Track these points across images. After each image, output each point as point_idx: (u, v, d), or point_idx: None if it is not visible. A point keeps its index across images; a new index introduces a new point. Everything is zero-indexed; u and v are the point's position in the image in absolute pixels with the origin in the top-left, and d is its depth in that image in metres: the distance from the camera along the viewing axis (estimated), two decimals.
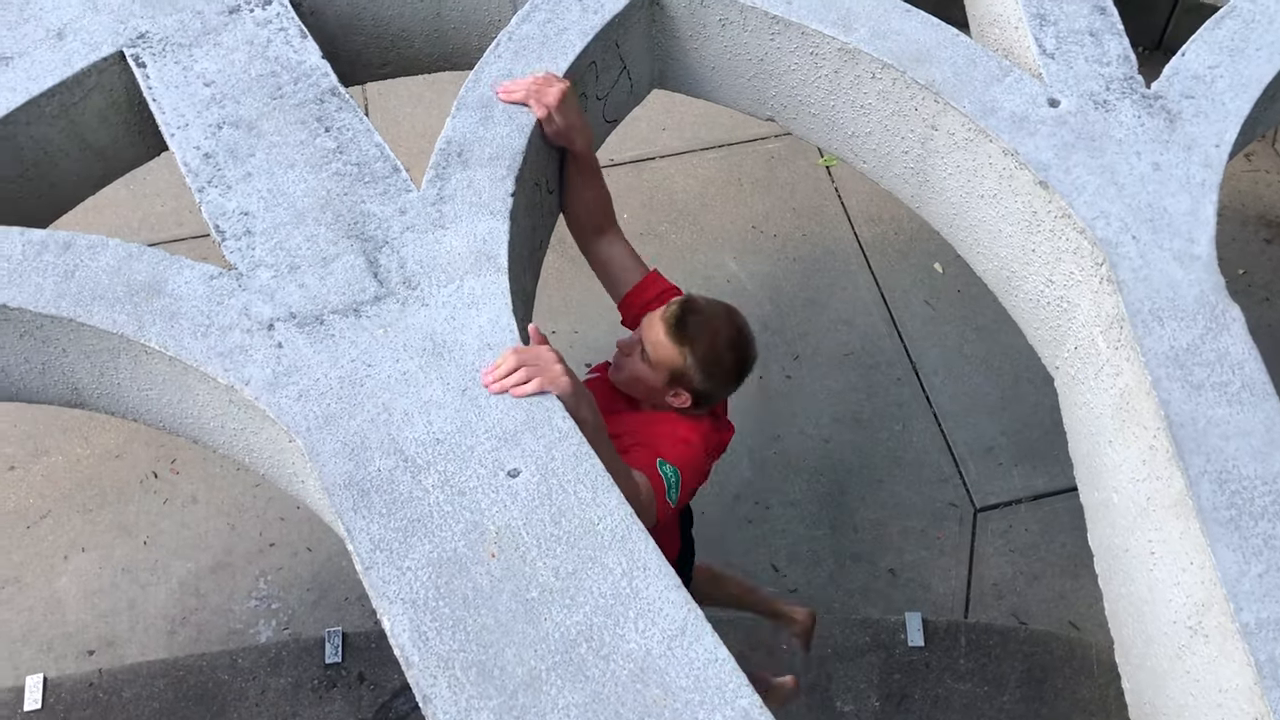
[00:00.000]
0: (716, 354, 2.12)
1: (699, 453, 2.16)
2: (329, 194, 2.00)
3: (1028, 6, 2.25)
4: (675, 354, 2.11)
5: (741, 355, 2.18)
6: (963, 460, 3.64)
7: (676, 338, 2.10)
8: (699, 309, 2.14)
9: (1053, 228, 2.05)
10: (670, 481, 2.05)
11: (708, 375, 2.13)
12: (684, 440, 2.15)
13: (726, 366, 2.15)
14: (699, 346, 2.10)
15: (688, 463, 2.11)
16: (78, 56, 2.20)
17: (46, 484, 3.60)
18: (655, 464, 2.04)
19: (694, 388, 2.14)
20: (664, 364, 2.12)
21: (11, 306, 1.86)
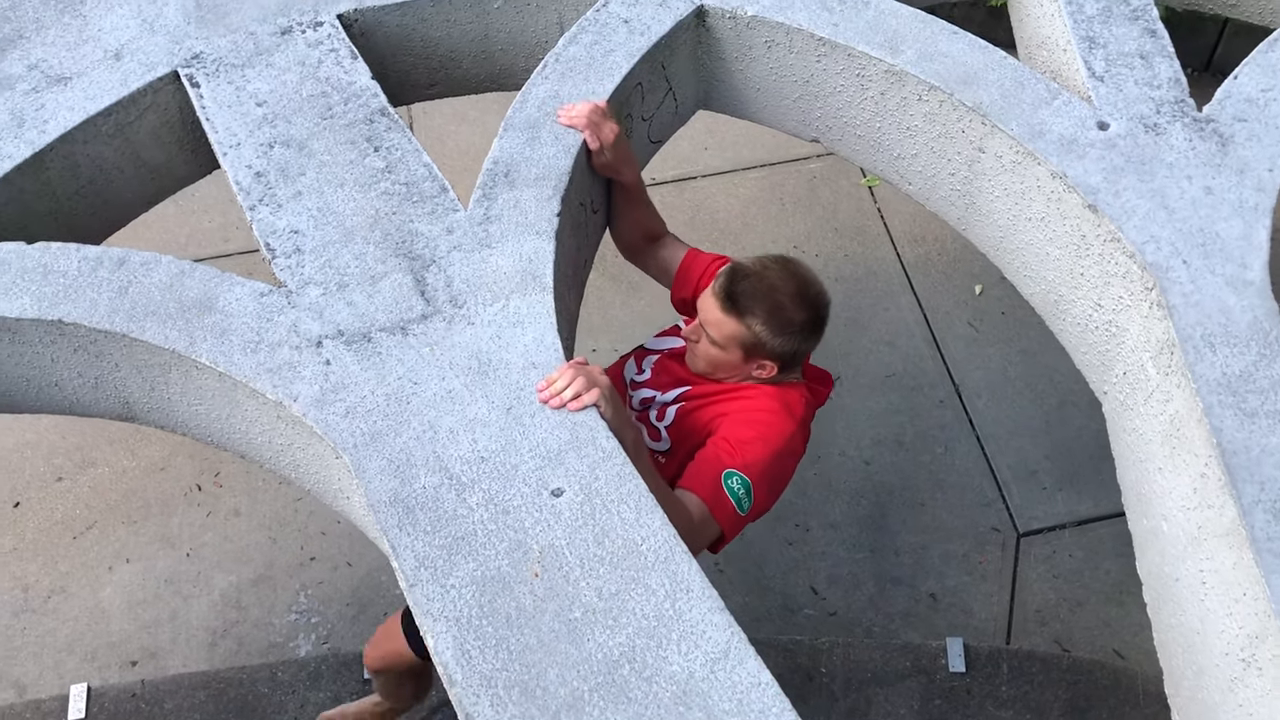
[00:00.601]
0: (784, 315, 2.01)
1: (784, 426, 2.03)
2: (378, 213, 2.02)
3: (1077, 29, 2.23)
4: (738, 328, 2.01)
5: (812, 306, 2.05)
6: (1006, 484, 3.60)
7: (734, 311, 2.01)
8: (747, 273, 2.03)
9: (1102, 251, 2.03)
10: (738, 495, 1.96)
11: (782, 338, 2.01)
12: (763, 418, 2.01)
13: (799, 323, 2.03)
14: (760, 311, 2.00)
15: (766, 453, 1.98)
16: (134, 77, 2.24)
17: (93, 495, 3.65)
18: (719, 481, 1.96)
19: (774, 354, 2.03)
20: (732, 341, 2.02)
21: (67, 322, 1.89)
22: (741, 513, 1.97)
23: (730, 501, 1.96)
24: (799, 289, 2.03)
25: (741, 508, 1.97)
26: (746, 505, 1.98)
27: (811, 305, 2.04)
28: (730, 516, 1.97)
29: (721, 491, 1.96)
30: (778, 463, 2.03)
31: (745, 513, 1.98)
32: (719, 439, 2.02)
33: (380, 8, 2.35)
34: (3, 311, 1.90)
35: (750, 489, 1.98)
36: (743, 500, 1.97)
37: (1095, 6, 2.26)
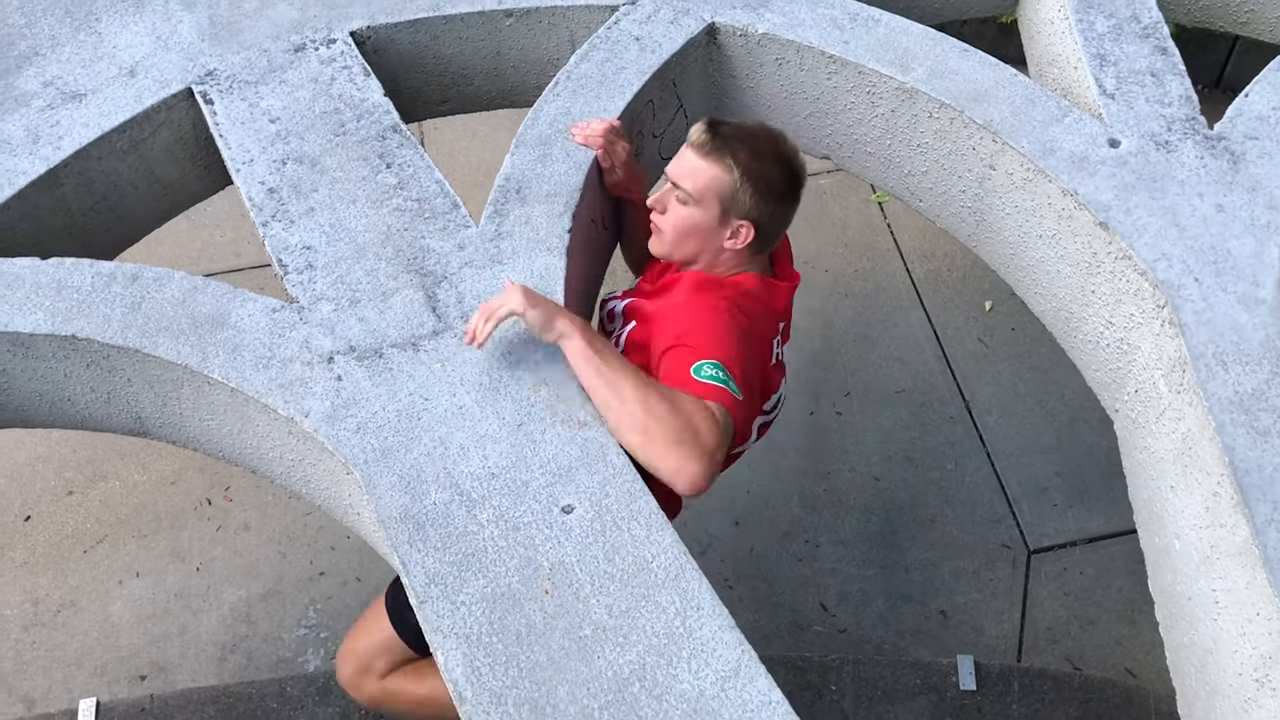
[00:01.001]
0: (763, 164, 1.88)
1: (739, 314, 1.86)
2: (389, 229, 2.03)
3: (1087, 47, 2.23)
4: (719, 171, 1.87)
5: (791, 164, 1.92)
6: (1016, 501, 3.59)
7: (715, 152, 1.87)
8: (728, 120, 1.92)
9: (1113, 269, 2.03)
10: (719, 378, 1.77)
11: (761, 193, 1.88)
12: (709, 309, 1.85)
13: (777, 180, 1.90)
14: (742, 155, 1.87)
15: (730, 338, 1.82)
16: (148, 93, 2.26)
17: (104, 509, 3.66)
18: (689, 373, 1.77)
19: (751, 214, 1.89)
20: (710, 192, 1.88)
21: (80, 337, 1.90)
22: (734, 394, 1.78)
23: (721, 388, 1.77)
24: (779, 145, 1.92)
25: (730, 386, 1.78)
26: (734, 386, 1.79)
27: (790, 165, 1.93)
28: (730, 399, 1.77)
29: (709, 386, 1.77)
30: (748, 340, 1.86)
31: (738, 395, 1.79)
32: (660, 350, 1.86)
33: (393, 25, 2.36)
34: (17, 326, 1.91)
35: (725, 371, 1.79)
36: (728, 381, 1.78)
37: (1106, 24, 2.26)
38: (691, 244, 1.95)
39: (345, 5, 2.40)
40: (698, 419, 1.71)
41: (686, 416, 1.71)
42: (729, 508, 3.54)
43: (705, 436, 1.70)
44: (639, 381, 1.75)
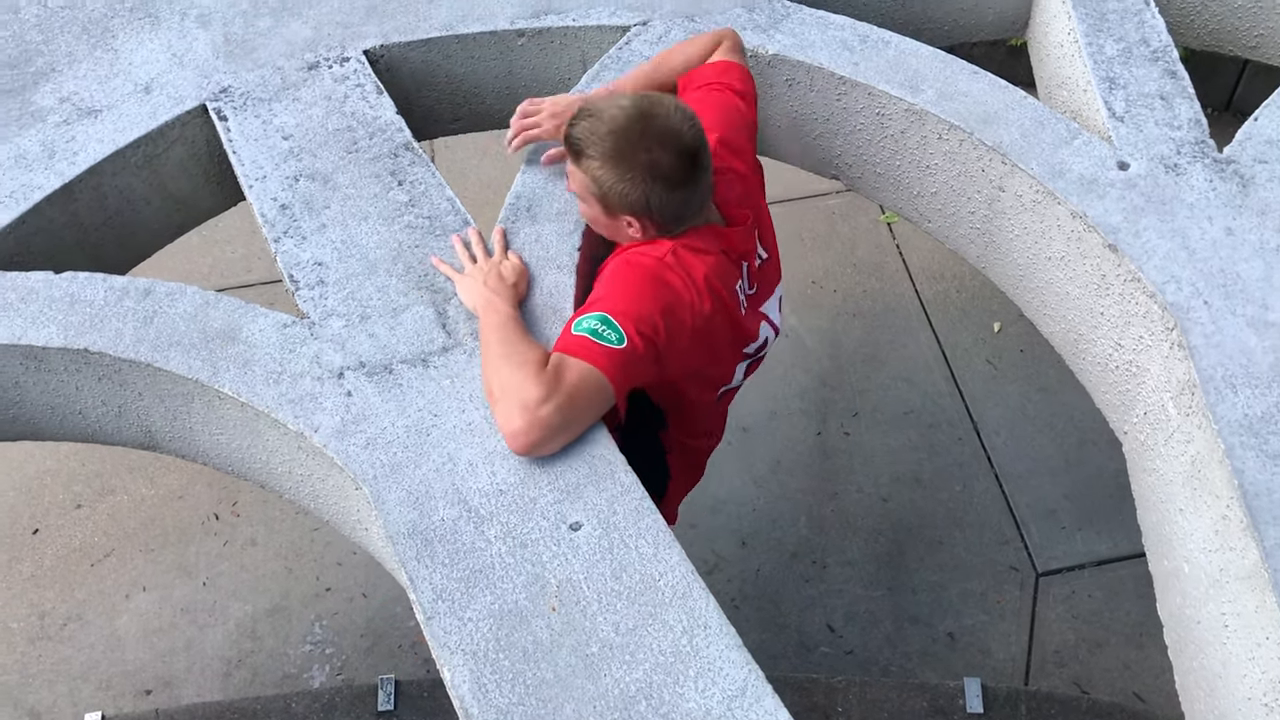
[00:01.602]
0: (620, 153, 1.74)
1: (632, 268, 1.80)
2: (400, 246, 2.04)
3: (1097, 70, 2.24)
4: (581, 177, 1.80)
5: (655, 140, 1.74)
6: (1024, 523, 3.58)
7: (572, 155, 1.80)
8: (590, 110, 1.78)
9: (1122, 291, 2.03)
10: (593, 329, 1.72)
11: (632, 190, 1.76)
12: (607, 276, 1.82)
13: (643, 161, 1.74)
14: (596, 151, 1.75)
15: (631, 291, 1.76)
16: (163, 110, 2.27)
17: (111, 523, 3.66)
18: (570, 327, 1.75)
19: (634, 209, 1.79)
20: (584, 192, 1.83)
21: (93, 350, 1.91)
22: (609, 343, 1.71)
23: (585, 337, 1.72)
24: (644, 126, 1.74)
25: (602, 337, 1.71)
26: (614, 336, 1.72)
27: (661, 144, 1.74)
28: (589, 346, 1.71)
29: (569, 335, 1.75)
30: (638, 291, 1.77)
31: (619, 343, 1.71)
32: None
33: (406, 44, 2.38)
34: (30, 340, 1.93)
35: (607, 319, 1.73)
36: (601, 331, 1.72)
37: (1115, 48, 2.27)
38: (603, 233, 1.94)
39: (359, 24, 2.42)
40: (521, 375, 1.71)
41: (508, 375, 1.73)
42: (736, 527, 3.54)
43: (526, 393, 1.70)
44: (494, 350, 1.78)
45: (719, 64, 2.13)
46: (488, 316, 1.86)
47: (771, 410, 3.79)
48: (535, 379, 1.71)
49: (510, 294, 1.90)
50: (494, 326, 1.83)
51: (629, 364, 1.75)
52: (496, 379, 1.76)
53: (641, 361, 1.77)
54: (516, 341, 1.80)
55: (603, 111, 1.78)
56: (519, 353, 1.77)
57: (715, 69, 2.12)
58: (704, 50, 2.16)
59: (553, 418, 1.71)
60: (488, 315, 1.86)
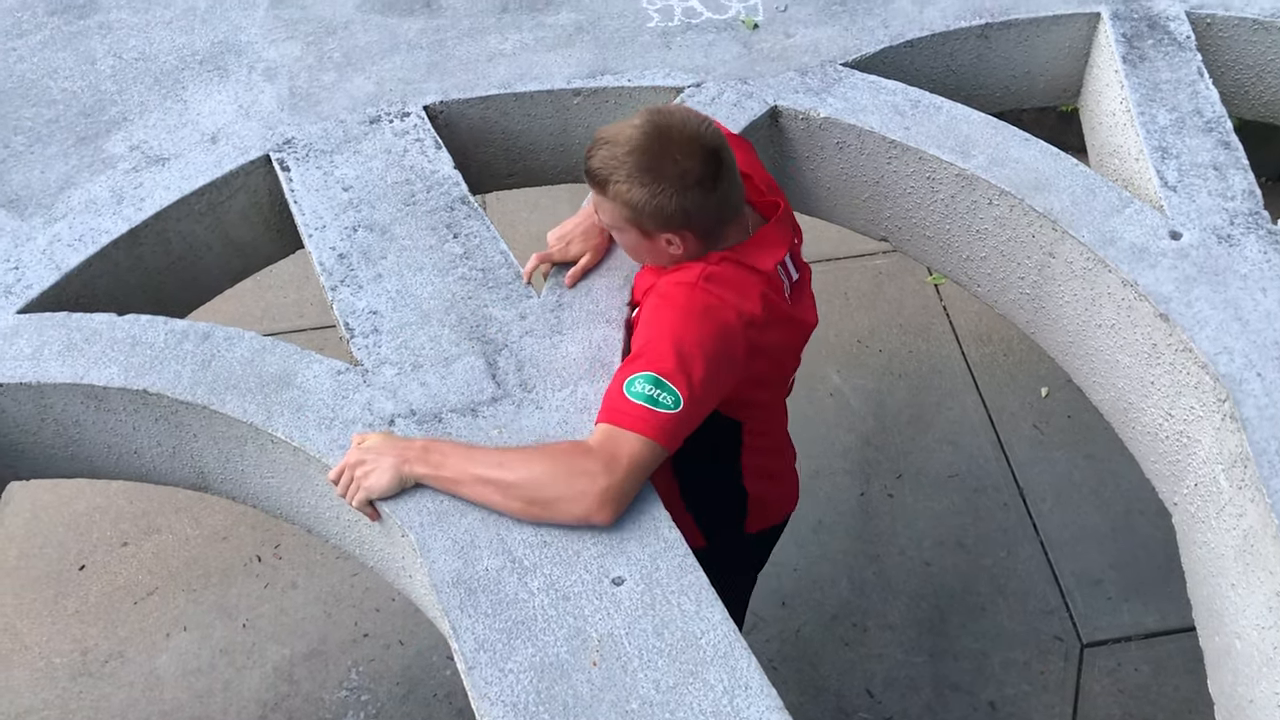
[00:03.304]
0: (646, 170, 1.73)
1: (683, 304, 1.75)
2: (454, 297, 2.08)
3: (1149, 139, 2.25)
4: (610, 207, 1.78)
5: (687, 152, 1.73)
6: (1070, 592, 3.52)
7: (598, 186, 1.78)
8: (604, 138, 1.77)
9: (1173, 361, 2.01)
10: (646, 395, 1.68)
11: (666, 205, 1.73)
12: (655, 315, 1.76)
13: (670, 173, 1.73)
14: (621, 175, 1.74)
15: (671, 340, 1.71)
16: (228, 159, 2.34)
17: (156, 561, 3.71)
18: (620, 394, 1.70)
19: (671, 224, 1.76)
20: (618, 220, 1.80)
21: (151, 391, 1.96)
22: (665, 409, 1.68)
23: (640, 406, 1.68)
24: (663, 137, 1.73)
25: (659, 403, 1.68)
26: (670, 399, 1.68)
27: (685, 151, 1.73)
28: (646, 418, 1.68)
29: (624, 402, 1.70)
30: (684, 335, 1.73)
31: (676, 407, 1.68)
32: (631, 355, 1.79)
33: (465, 101, 2.44)
34: (92, 379, 1.98)
35: (659, 381, 1.69)
36: (657, 396, 1.68)
37: (1168, 118, 2.28)
38: (645, 259, 1.91)
39: (420, 80, 2.48)
40: (566, 463, 1.70)
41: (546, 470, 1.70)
42: (777, 587, 3.51)
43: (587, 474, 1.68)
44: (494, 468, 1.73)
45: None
46: (430, 459, 1.75)
47: (814, 469, 3.78)
48: (586, 458, 1.70)
49: (401, 441, 1.80)
50: (455, 457, 1.75)
51: (687, 422, 1.74)
52: (534, 483, 1.70)
53: (699, 414, 1.76)
54: (503, 449, 1.77)
55: (617, 135, 1.76)
56: (525, 454, 1.74)
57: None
58: None
59: (623, 486, 1.70)
60: (429, 459, 1.75)
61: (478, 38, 2.59)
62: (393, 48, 2.58)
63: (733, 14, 2.62)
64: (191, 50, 2.63)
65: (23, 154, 2.41)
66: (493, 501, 1.75)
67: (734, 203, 1.83)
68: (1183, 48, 2.42)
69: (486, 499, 1.75)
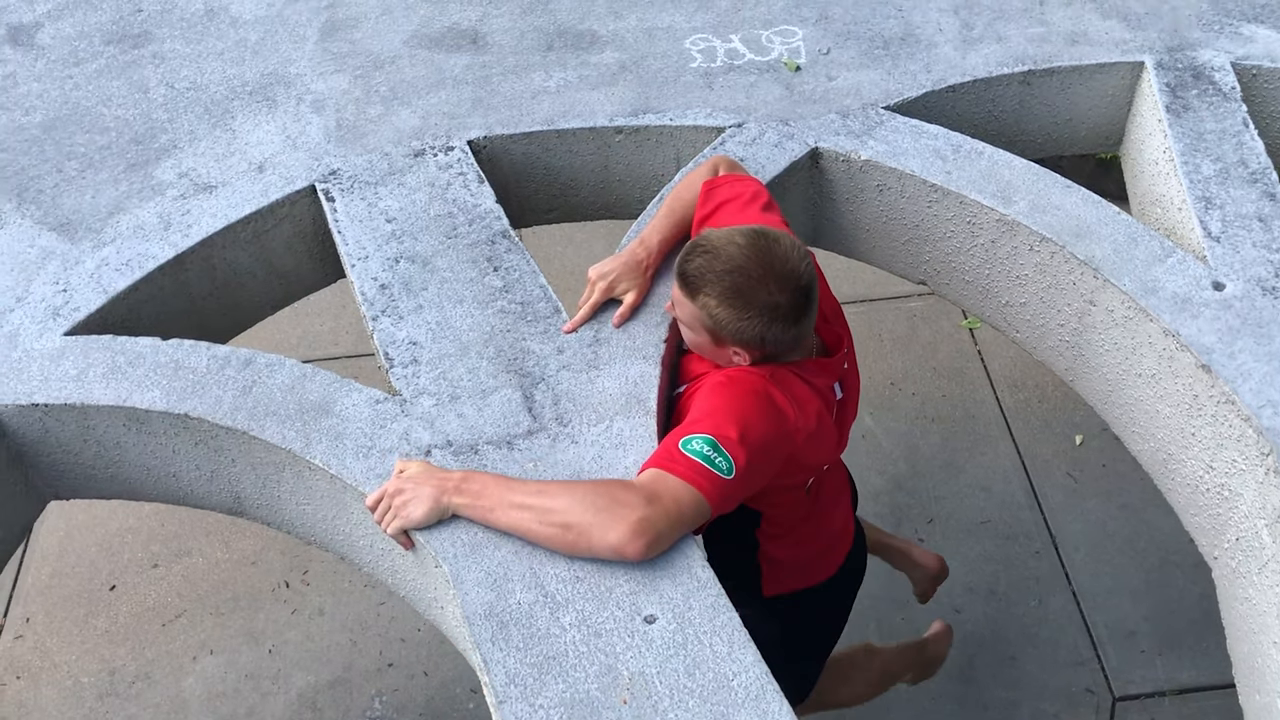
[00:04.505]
0: (740, 301, 1.77)
1: (746, 386, 1.79)
2: (493, 330, 2.09)
3: (1193, 189, 2.24)
4: (692, 309, 1.82)
5: (781, 286, 1.77)
6: (1102, 643, 3.47)
7: (687, 290, 1.81)
8: (706, 248, 1.79)
9: (1215, 413, 1.99)
10: (704, 454, 1.71)
11: (746, 327, 1.78)
12: (719, 389, 1.80)
13: (764, 305, 1.77)
14: (714, 291, 1.77)
15: (739, 413, 1.75)
16: (274, 188, 2.38)
17: (185, 584, 3.73)
18: (675, 448, 1.73)
19: (744, 342, 1.81)
20: (695, 322, 1.84)
21: (193, 416, 1.98)
22: (719, 471, 1.71)
23: (695, 461, 1.71)
24: (763, 266, 1.76)
25: (714, 465, 1.71)
26: (724, 464, 1.71)
27: (780, 285, 1.77)
28: (699, 470, 1.70)
29: (678, 454, 1.72)
30: (746, 414, 1.77)
31: (729, 474, 1.71)
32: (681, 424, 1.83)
33: (508, 136, 2.47)
34: (135, 402, 2.00)
35: (716, 445, 1.72)
36: (713, 458, 1.71)
37: (1212, 168, 2.27)
38: (705, 355, 1.94)
39: (465, 115, 2.52)
40: (604, 492, 1.72)
41: (581, 499, 1.72)
42: None
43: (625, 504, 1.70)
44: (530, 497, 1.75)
45: (738, 177, 2.14)
46: (468, 489, 1.78)
47: None
48: (627, 491, 1.72)
49: (440, 471, 1.82)
50: (494, 486, 1.77)
51: (733, 494, 1.77)
52: (568, 509, 1.71)
53: (743, 491, 1.80)
54: (538, 481, 1.80)
55: (720, 249, 1.78)
56: (565, 484, 1.77)
57: (740, 181, 2.12)
58: (708, 177, 2.17)
59: (660, 523, 1.71)
60: (467, 489, 1.78)
61: (522, 74, 2.63)
62: (439, 83, 2.62)
63: (775, 56, 2.64)
64: (241, 81, 2.68)
65: (75, 179, 2.46)
66: (527, 528, 1.75)
67: (808, 333, 1.89)
68: (1228, 98, 2.41)
69: (521, 524, 1.75)
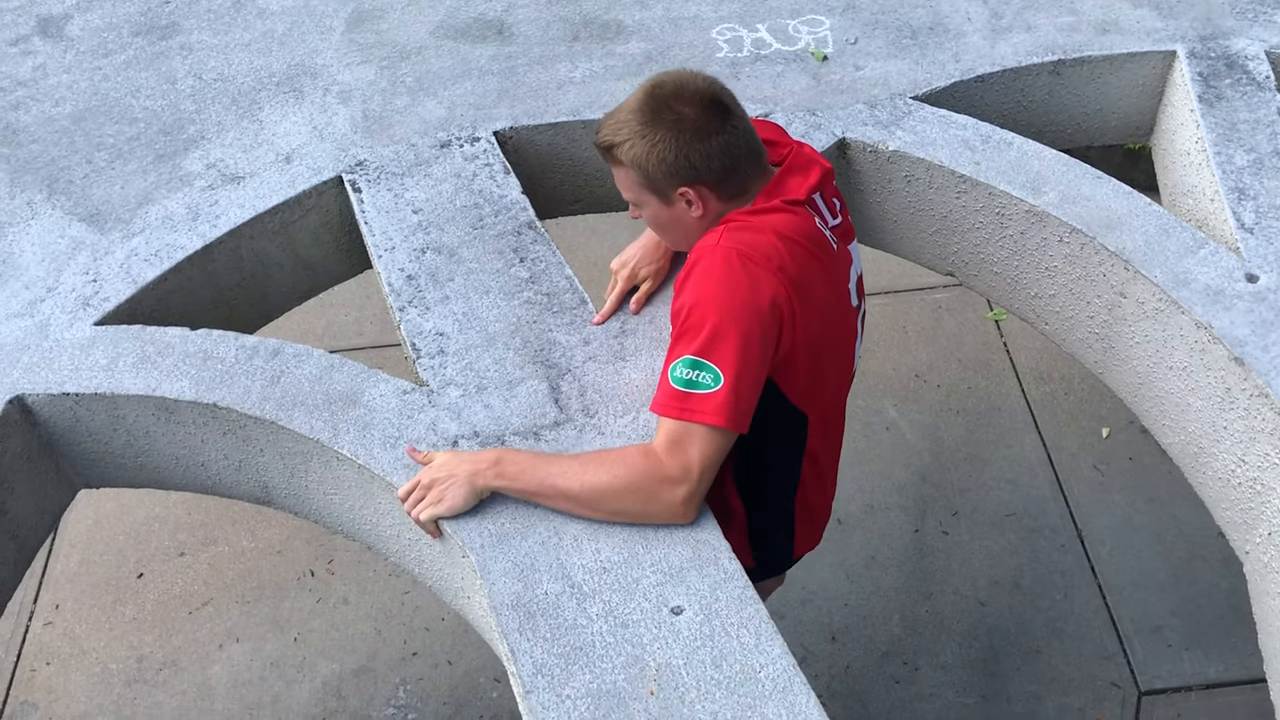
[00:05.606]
0: (646, 125, 1.74)
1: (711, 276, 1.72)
2: (519, 321, 2.09)
3: (1225, 180, 2.21)
4: (623, 172, 1.80)
5: (675, 100, 1.73)
6: (1128, 638, 3.44)
7: (609, 158, 1.81)
8: (607, 115, 1.83)
9: (1247, 406, 1.97)
10: (689, 379, 1.70)
11: (660, 144, 1.73)
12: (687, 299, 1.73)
13: (669, 121, 1.73)
14: (623, 136, 1.77)
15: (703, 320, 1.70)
16: (301, 179, 2.38)
17: (211, 573, 3.75)
18: (666, 384, 1.72)
19: (682, 179, 1.76)
20: (635, 190, 1.82)
21: (221, 405, 1.99)
22: (708, 388, 1.69)
23: (682, 393, 1.70)
24: (658, 95, 1.74)
25: (698, 385, 1.69)
26: (709, 378, 1.69)
27: (682, 101, 1.73)
28: (693, 405, 1.69)
29: (671, 392, 1.72)
30: (708, 307, 1.71)
31: (717, 384, 1.69)
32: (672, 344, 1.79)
33: (534, 127, 2.46)
34: (164, 392, 2.01)
35: (695, 362, 1.70)
36: (696, 379, 1.69)
37: (1246, 158, 2.24)
38: (674, 233, 1.91)
39: (491, 106, 2.51)
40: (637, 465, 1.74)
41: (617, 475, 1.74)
42: (827, 621, 3.48)
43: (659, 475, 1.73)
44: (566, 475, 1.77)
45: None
46: (505, 471, 1.79)
47: (869, 504, 3.74)
48: (661, 464, 1.74)
49: (469, 456, 1.83)
50: (530, 468, 1.79)
51: (739, 394, 1.72)
52: (615, 496, 1.75)
53: (750, 378, 1.73)
54: (573, 457, 1.81)
55: (618, 106, 1.81)
56: (600, 463, 1.77)
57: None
58: None
59: (701, 486, 1.76)
60: (504, 471, 1.79)
61: (548, 65, 2.62)
62: (465, 73, 2.62)
63: (802, 45, 2.63)
64: (269, 72, 2.68)
65: (104, 170, 2.47)
66: (574, 513, 1.80)
67: (742, 150, 1.79)
68: (1261, 88, 2.38)
69: (567, 510, 1.80)
